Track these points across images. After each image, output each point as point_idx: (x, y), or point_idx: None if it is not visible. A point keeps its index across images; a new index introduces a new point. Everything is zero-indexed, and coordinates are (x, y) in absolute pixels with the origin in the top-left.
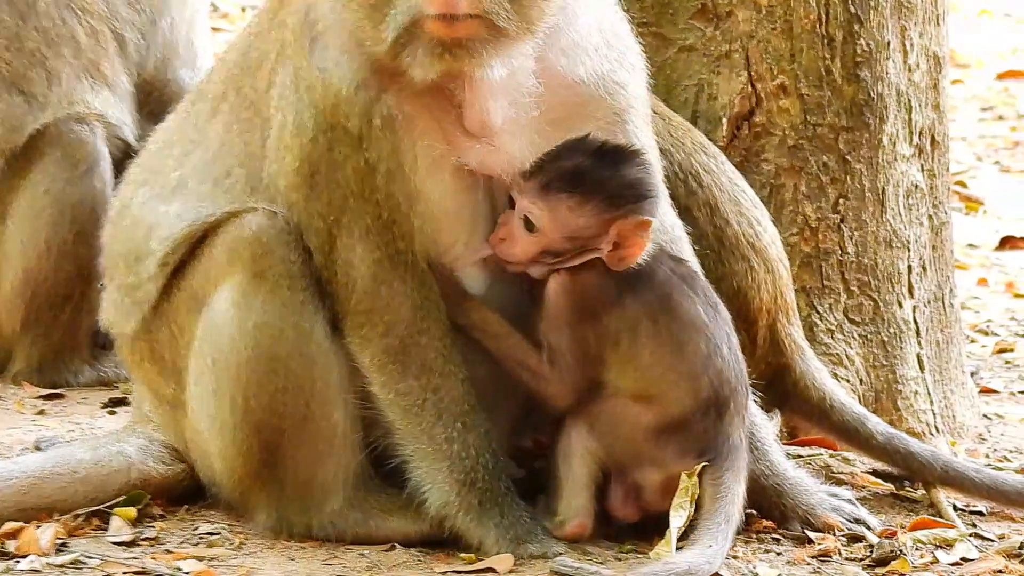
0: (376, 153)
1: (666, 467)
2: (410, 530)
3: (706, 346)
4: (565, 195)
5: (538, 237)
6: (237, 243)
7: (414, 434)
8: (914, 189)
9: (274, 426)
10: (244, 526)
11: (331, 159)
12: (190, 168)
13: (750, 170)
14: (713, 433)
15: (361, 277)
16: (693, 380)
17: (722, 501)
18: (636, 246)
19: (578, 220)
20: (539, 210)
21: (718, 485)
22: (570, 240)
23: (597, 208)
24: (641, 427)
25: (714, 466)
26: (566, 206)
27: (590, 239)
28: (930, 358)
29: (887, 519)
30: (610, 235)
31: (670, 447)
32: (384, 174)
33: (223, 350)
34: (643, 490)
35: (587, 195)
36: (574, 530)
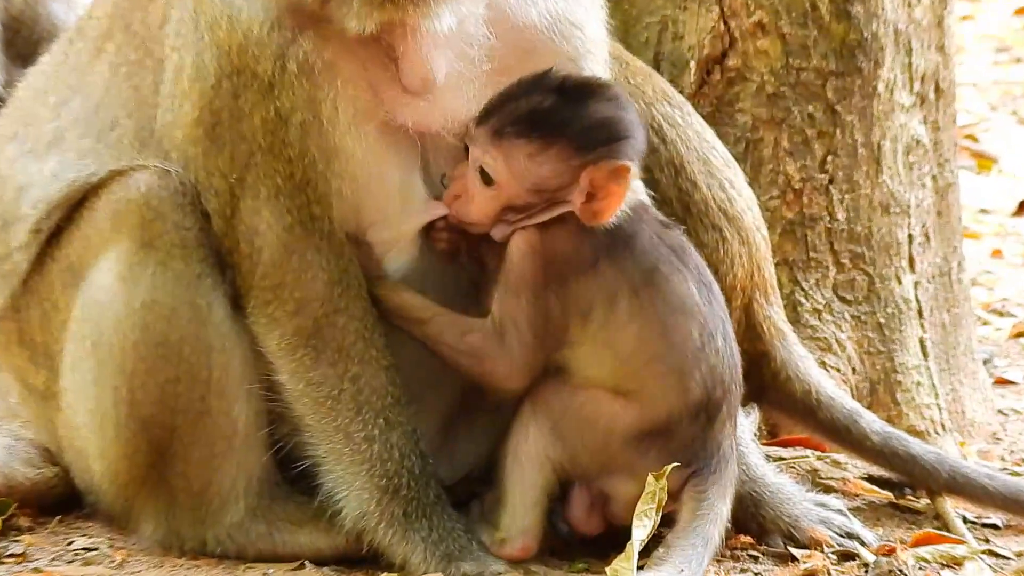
0: (289, 102)
1: (642, 477)
2: (322, 545)
3: (699, 334)
4: (523, 140)
5: (496, 191)
6: (123, 207)
7: (328, 431)
8: (915, 144)
9: (164, 422)
10: (127, 540)
11: (236, 108)
12: (69, 119)
13: (722, 122)
14: (702, 441)
15: (268, 246)
16: (682, 376)
17: (702, 519)
18: (613, 196)
19: (541, 168)
20: (493, 159)
21: (700, 500)
22: (534, 192)
23: (563, 153)
24: (618, 430)
25: (699, 478)
26: (525, 152)
27: (558, 190)
28: (935, 343)
29: (885, 533)
30: (581, 184)
31: (651, 455)
32: (297, 126)
33: (105, 332)
34: (612, 501)
35: (549, 138)
36: (517, 553)
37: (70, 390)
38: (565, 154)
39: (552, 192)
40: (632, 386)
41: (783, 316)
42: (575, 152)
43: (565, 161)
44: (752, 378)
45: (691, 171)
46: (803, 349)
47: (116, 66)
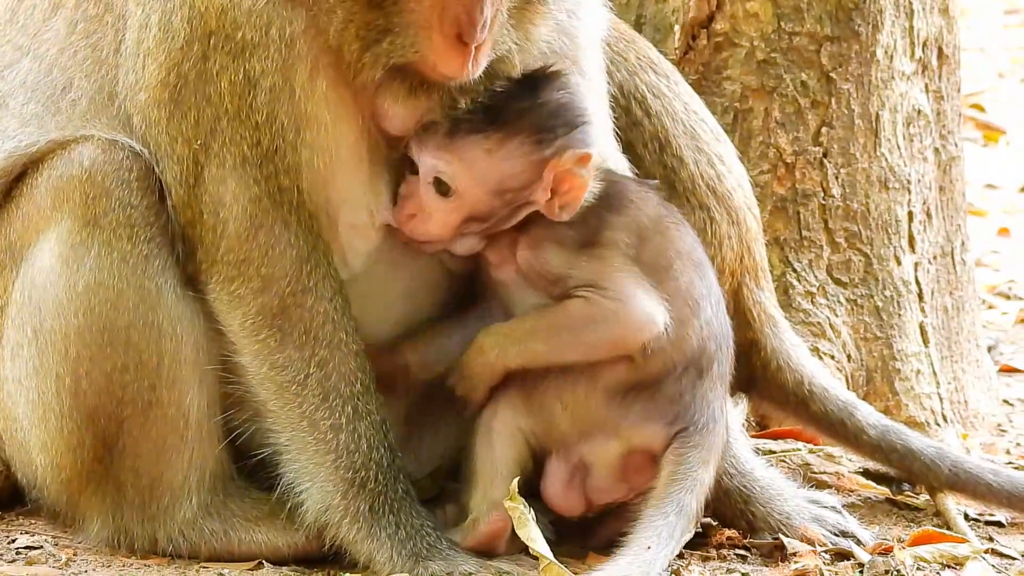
0: (261, 65)
1: (625, 437)
2: (280, 543)
3: (700, 282)
4: (479, 136)
5: (456, 201)
6: (64, 182)
7: (292, 419)
8: (916, 115)
9: (111, 413)
10: (73, 538)
11: (203, 70)
12: (16, 82)
13: (709, 91)
14: (690, 398)
15: (234, 219)
16: (681, 324)
17: (679, 486)
18: (578, 188)
19: (502, 165)
20: (448, 164)
21: (680, 464)
22: (497, 195)
23: (522, 148)
24: (601, 385)
25: (682, 439)
26: (483, 149)
27: (521, 190)
28: (936, 328)
29: (881, 531)
30: (545, 180)
31: (634, 410)
32: (267, 90)
33: (47, 317)
34: (592, 471)
35: (507, 133)
36: (490, 528)
37: (10, 379)
38: (525, 148)
39: (515, 192)
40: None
41: (774, 301)
42: (536, 145)
43: (526, 156)
44: (741, 367)
45: (677, 146)
46: (795, 337)
47: (73, 23)
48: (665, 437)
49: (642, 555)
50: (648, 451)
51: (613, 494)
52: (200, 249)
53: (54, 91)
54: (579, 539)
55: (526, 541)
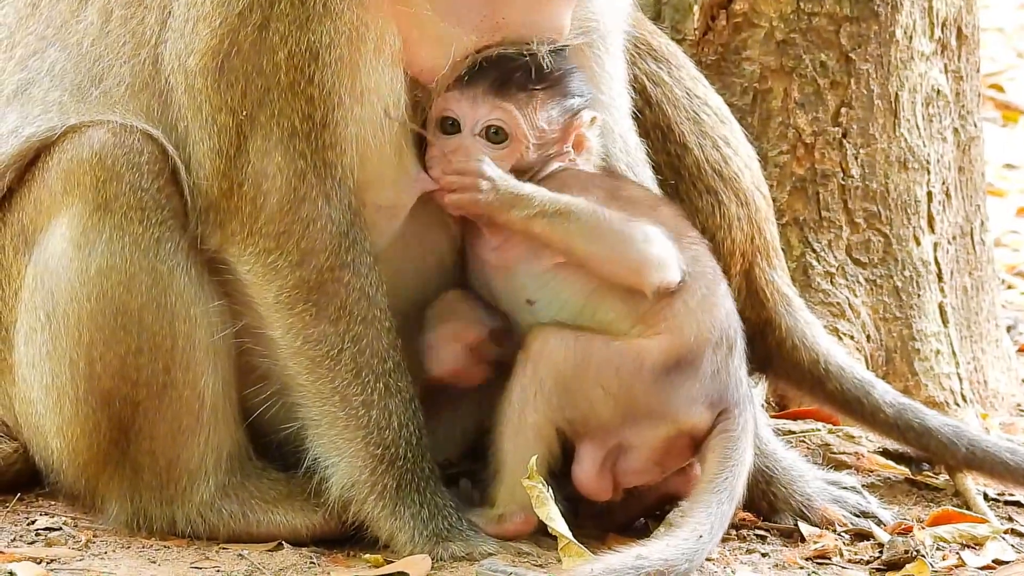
0: (329, 34)
1: (673, 420)
2: (299, 524)
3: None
4: (528, 92)
5: (508, 149)
6: (75, 165)
7: (324, 393)
8: (935, 95)
9: (126, 396)
10: (92, 520)
11: (261, 39)
12: (40, 70)
13: (728, 72)
14: (726, 375)
15: (277, 191)
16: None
17: (730, 470)
18: (589, 149)
19: (545, 120)
20: (505, 112)
21: (729, 446)
22: (538, 147)
23: (560, 106)
24: (646, 367)
25: (728, 419)
26: (532, 103)
27: (553, 144)
28: (955, 308)
29: (901, 511)
30: (570, 137)
31: (680, 391)
32: (332, 63)
33: (60, 302)
34: (629, 454)
35: (550, 92)
36: (515, 528)
37: (24, 364)
38: (562, 106)
39: (549, 146)
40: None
41: (788, 280)
42: (569, 105)
43: (561, 114)
44: (757, 347)
45: (680, 132)
46: (810, 315)
47: (108, 11)
48: (710, 419)
49: (692, 541)
50: (692, 434)
51: (645, 477)
52: (235, 221)
53: (84, 80)
54: (597, 519)
55: (545, 521)
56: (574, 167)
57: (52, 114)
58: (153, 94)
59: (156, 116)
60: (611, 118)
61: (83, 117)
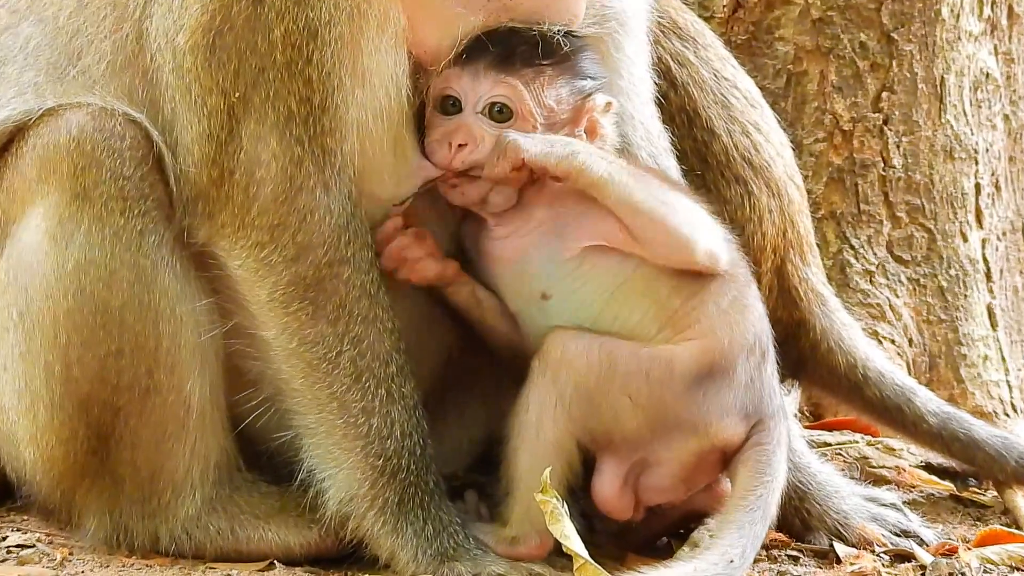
0: (329, 11)
1: (706, 433)
2: (293, 541)
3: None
4: (534, 69)
5: (514, 127)
6: (51, 152)
7: (320, 399)
8: (985, 79)
9: (105, 402)
10: (68, 537)
11: (255, 15)
12: (13, 48)
13: (760, 52)
14: (759, 384)
15: (272, 179)
16: (741, 309)
17: (764, 485)
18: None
19: (553, 99)
20: (509, 88)
21: (763, 460)
22: (546, 127)
23: (569, 86)
24: (676, 374)
25: (762, 431)
26: (539, 80)
27: (562, 125)
28: (1005, 310)
29: (945, 531)
30: (582, 120)
31: (713, 402)
32: (332, 42)
33: (34, 299)
34: (654, 470)
35: (558, 70)
36: (529, 551)
37: None
38: (571, 87)
39: (559, 127)
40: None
41: (823, 278)
42: (579, 87)
43: (571, 95)
44: (789, 351)
45: (707, 117)
46: (847, 316)
47: None
48: (744, 431)
49: (722, 566)
50: (724, 448)
51: (671, 495)
52: (225, 212)
53: (60, 58)
54: (616, 537)
55: (559, 539)
56: None
57: (27, 96)
58: (137, 73)
59: (140, 97)
60: (631, 104)
61: (60, 99)
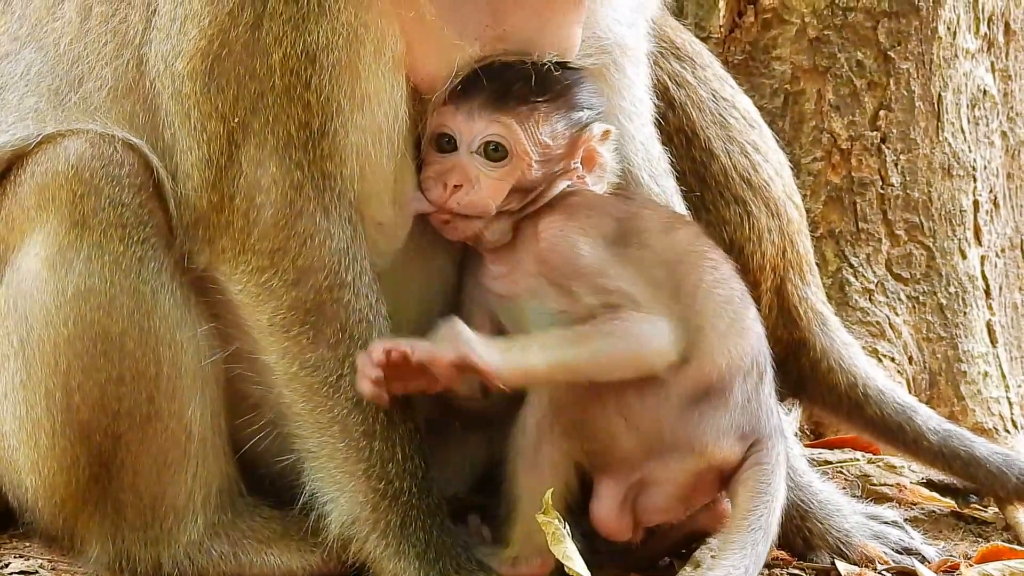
0: (326, 35)
1: (702, 453)
2: (296, 565)
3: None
4: (529, 105)
5: (508, 166)
6: (50, 179)
7: (322, 423)
8: (982, 96)
9: (106, 429)
10: (70, 563)
11: (253, 40)
12: (14, 75)
13: (757, 72)
14: (756, 404)
15: (271, 204)
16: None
17: (764, 506)
18: (601, 165)
19: (548, 135)
20: (504, 127)
21: (762, 480)
22: (542, 164)
23: (565, 120)
24: (673, 396)
25: (760, 450)
26: (534, 117)
27: (559, 160)
28: (1005, 327)
29: (947, 547)
30: (577, 152)
31: (710, 422)
32: (330, 67)
33: (34, 326)
34: (652, 491)
35: (553, 105)
36: (531, 571)
37: None
38: (567, 120)
39: (555, 162)
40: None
41: (822, 297)
42: (574, 119)
43: (566, 128)
44: (790, 370)
45: (706, 137)
46: (847, 335)
47: (87, 8)
48: (741, 451)
49: None
50: (722, 468)
51: (669, 515)
52: (225, 237)
53: (61, 84)
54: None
55: (562, 559)
56: (583, 187)
57: (28, 122)
58: (138, 99)
59: (141, 123)
60: (632, 125)
61: (60, 125)
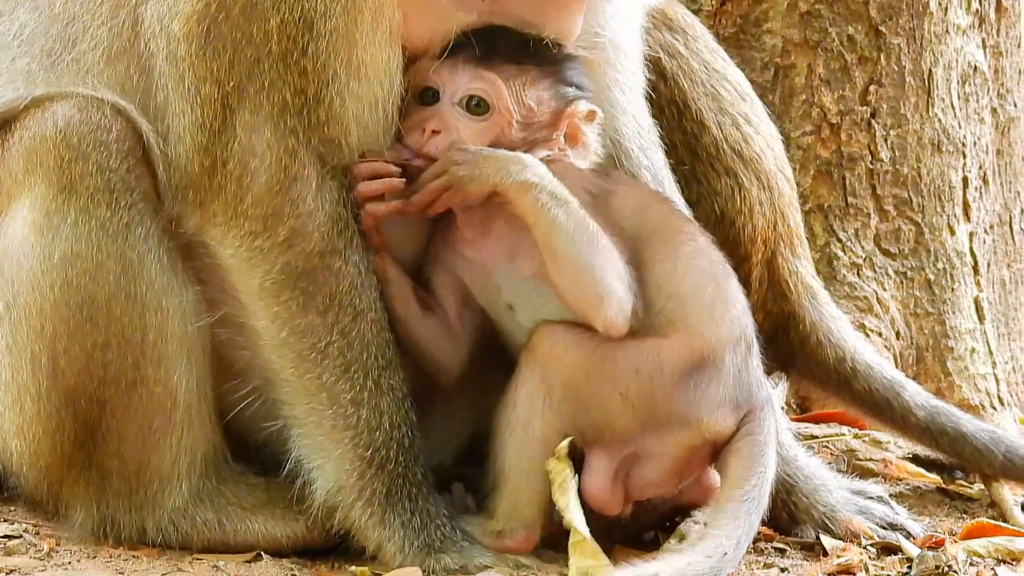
0: (325, 3)
1: (697, 426)
2: (279, 533)
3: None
4: (516, 66)
5: (489, 121)
6: (37, 144)
7: (310, 389)
8: (972, 72)
9: (92, 394)
10: (55, 528)
11: (251, 4)
12: (7, 36)
13: (747, 45)
14: (746, 376)
15: (265, 169)
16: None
17: (757, 476)
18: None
19: (532, 99)
20: (487, 83)
21: (755, 451)
22: (523, 126)
23: (551, 91)
24: (667, 369)
25: (752, 421)
26: (519, 79)
27: (541, 128)
28: (992, 304)
29: (932, 523)
30: (561, 125)
31: (705, 395)
32: (327, 34)
33: (20, 291)
34: (646, 465)
35: (540, 72)
36: (516, 545)
37: None
38: (552, 91)
39: (537, 129)
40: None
41: (812, 271)
42: (560, 92)
43: (551, 99)
44: (778, 344)
45: (697, 109)
46: (836, 309)
47: None
48: (734, 422)
49: (716, 559)
50: (716, 440)
51: (661, 489)
52: (217, 201)
53: (55, 45)
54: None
55: (562, 511)
56: (564, 159)
57: (18, 83)
58: (132, 60)
59: (133, 85)
60: (624, 97)
61: (51, 87)
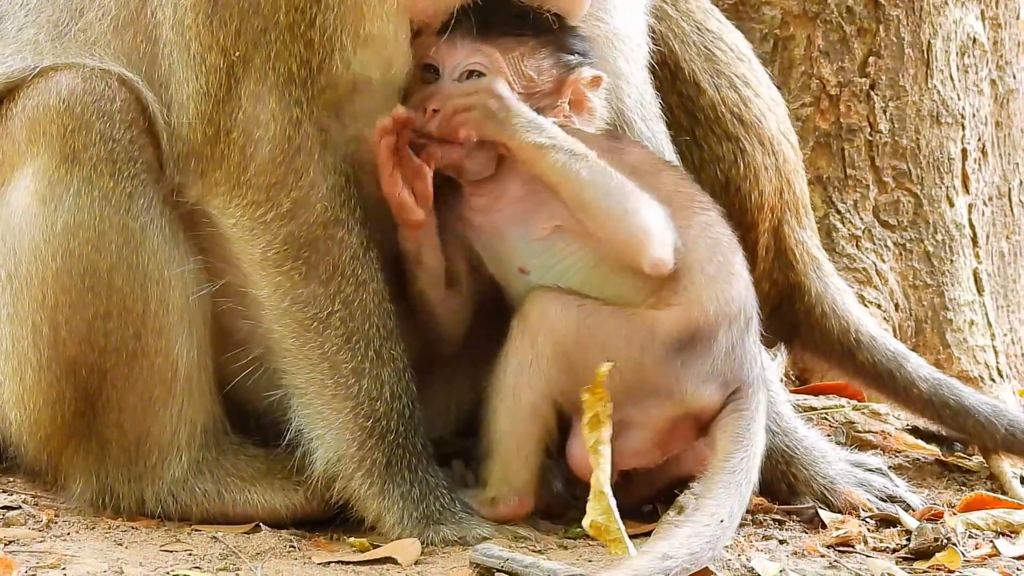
0: None
1: (681, 400)
2: (278, 503)
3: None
4: (513, 39)
5: None
6: (40, 113)
7: (311, 359)
8: (971, 44)
9: (92, 364)
10: (54, 499)
11: None
12: (16, 4)
13: (746, 16)
14: (740, 352)
15: (269, 139)
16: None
17: (745, 451)
18: (589, 110)
19: (532, 70)
20: (485, 57)
21: (743, 426)
22: (526, 97)
23: (550, 60)
24: (658, 340)
25: (740, 398)
26: (517, 51)
27: (543, 97)
28: (991, 275)
29: (931, 496)
30: (565, 92)
31: (692, 369)
32: (335, 6)
33: (22, 260)
34: (630, 434)
35: (539, 42)
36: (510, 511)
37: None
38: (552, 60)
39: (540, 98)
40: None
41: (817, 242)
42: (561, 60)
43: (552, 68)
44: (783, 314)
45: (691, 71)
46: (841, 281)
47: None
48: (720, 399)
49: (714, 526)
50: (700, 415)
51: (644, 459)
52: (220, 170)
53: (62, 15)
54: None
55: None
56: (571, 125)
57: (25, 54)
58: (139, 30)
59: (140, 55)
60: (628, 67)
61: (58, 58)
